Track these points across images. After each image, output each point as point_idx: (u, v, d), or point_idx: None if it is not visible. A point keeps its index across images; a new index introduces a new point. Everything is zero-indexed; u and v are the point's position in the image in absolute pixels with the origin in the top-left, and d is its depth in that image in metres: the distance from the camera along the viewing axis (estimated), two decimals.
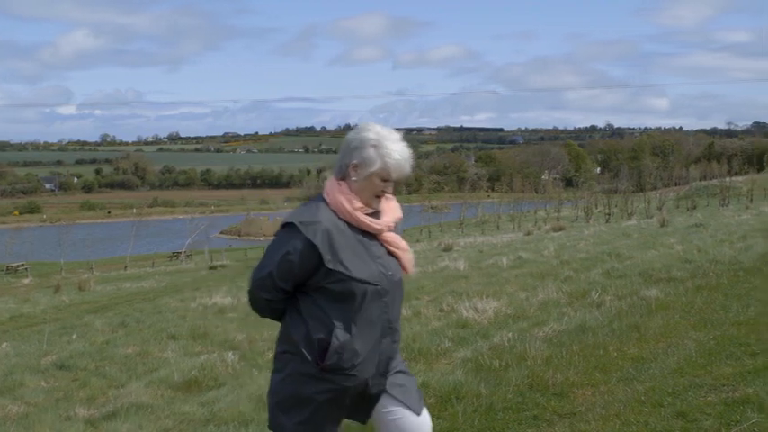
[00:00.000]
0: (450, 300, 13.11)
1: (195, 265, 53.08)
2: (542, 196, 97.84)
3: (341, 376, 3.95)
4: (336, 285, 3.91)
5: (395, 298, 4.09)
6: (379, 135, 4.05)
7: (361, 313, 3.95)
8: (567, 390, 6.86)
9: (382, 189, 4.05)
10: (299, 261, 3.91)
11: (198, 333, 13.18)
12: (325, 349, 3.90)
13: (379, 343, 4.02)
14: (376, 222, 4.04)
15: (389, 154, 4.01)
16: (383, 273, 4.00)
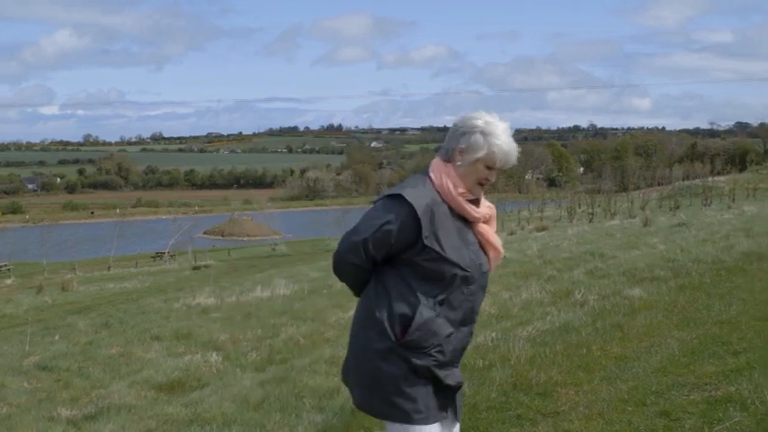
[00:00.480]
0: None
1: (179, 265, 52.89)
2: (525, 196, 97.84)
3: (418, 354, 3.87)
4: (428, 263, 3.86)
5: (480, 289, 4.04)
6: (488, 123, 3.98)
7: (446, 296, 3.90)
8: (550, 389, 6.87)
9: (486, 177, 4.00)
10: (398, 232, 3.85)
11: (181, 334, 13.15)
12: (408, 325, 3.83)
13: (459, 331, 3.97)
14: (476, 210, 4.02)
15: (497, 142, 3.95)
16: (474, 261, 3.96)
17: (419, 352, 3.86)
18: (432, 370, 3.88)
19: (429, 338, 3.85)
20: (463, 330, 3.99)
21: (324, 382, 7.74)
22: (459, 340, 3.98)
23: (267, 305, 16.51)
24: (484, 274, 4.04)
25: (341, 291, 17.88)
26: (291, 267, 34.70)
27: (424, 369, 3.87)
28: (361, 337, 3.99)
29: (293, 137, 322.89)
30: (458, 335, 3.96)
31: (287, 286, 20.01)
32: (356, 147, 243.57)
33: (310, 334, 11.73)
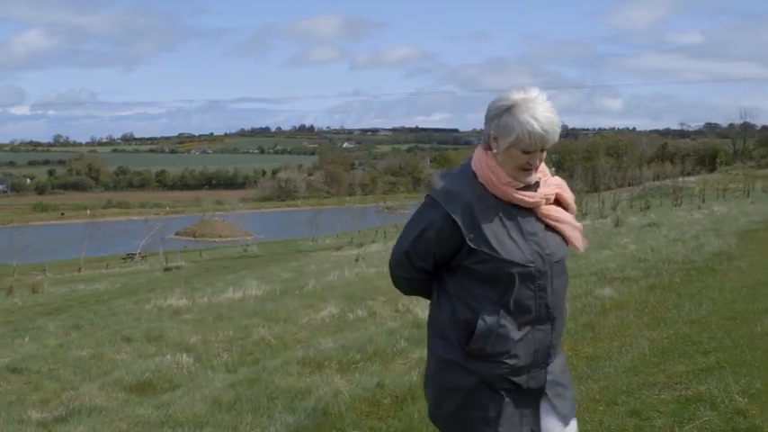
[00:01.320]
0: (406, 300, 13.11)
1: (150, 266, 52.75)
2: None
3: (489, 363, 3.56)
4: (481, 266, 3.51)
5: (554, 280, 3.60)
6: (516, 101, 3.52)
7: (511, 296, 3.53)
8: None
9: (527, 162, 3.54)
10: (437, 238, 3.57)
11: (153, 335, 13.09)
12: (472, 332, 3.53)
13: (535, 330, 3.58)
14: (529, 195, 3.58)
15: (527, 121, 3.47)
16: (538, 252, 3.54)
17: (488, 361, 3.57)
18: (507, 378, 3.58)
19: (496, 345, 3.54)
20: (542, 329, 3.60)
21: (296, 383, 7.73)
22: (537, 341, 3.60)
23: (239, 306, 16.48)
24: (557, 263, 3.61)
25: (313, 291, 17.89)
26: (263, 268, 34.70)
27: (496, 378, 3.57)
28: (431, 344, 3.75)
29: (265, 137, 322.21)
30: (535, 335, 3.59)
31: (259, 287, 19.99)
32: (328, 147, 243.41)
33: (282, 335, 11.71)
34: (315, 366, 8.44)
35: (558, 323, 3.68)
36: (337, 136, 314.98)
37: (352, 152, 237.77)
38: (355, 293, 16.06)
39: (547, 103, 3.54)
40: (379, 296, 14.97)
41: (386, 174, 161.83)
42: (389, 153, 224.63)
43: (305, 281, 21.23)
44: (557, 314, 3.64)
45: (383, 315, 12.31)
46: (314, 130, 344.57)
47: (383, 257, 29.36)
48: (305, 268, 30.00)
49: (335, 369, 8.26)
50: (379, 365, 8.30)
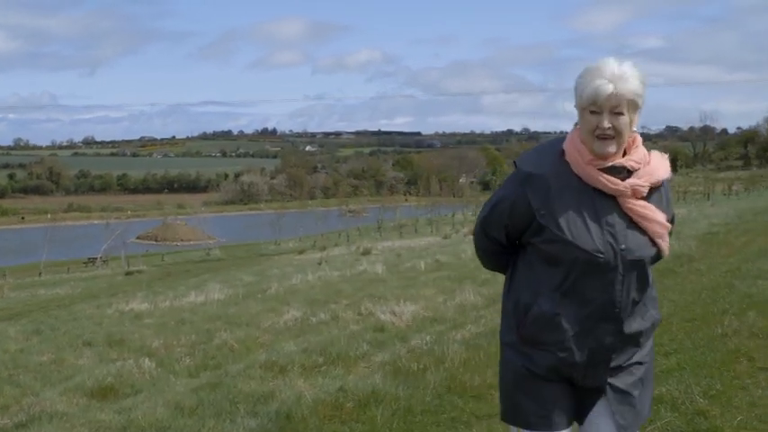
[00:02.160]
0: (369, 304, 13.13)
1: (111, 270, 52.48)
2: (460, 200, 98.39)
3: (540, 352, 3.45)
4: (547, 246, 3.39)
5: (626, 278, 3.34)
6: (591, 64, 3.37)
7: (573, 285, 3.35)
8: (484, 392, 6.90)
9: (596, 125, 3.29)
10: (510, 210, 3.48)
11: (114, 340, 13.02)
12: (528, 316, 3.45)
13: (596, 327, 3.36)
14: (612, 181, 3.32)
15: (592, 77, 3.29)
16: (611, 244, 3.30)
17: (539, 349, 3.45)
18: (559, 369, 3.43)
19: (548, 333, 3.41)
20: (604, 327, 3.37)
21: (258, 387, 7.71)
22: (597, 339, 3.38)
23: (201, 310, 16.42)
24: (633, 261, 3.34)
25: (275, 295, 17.85)
26: (226, 272, 34.62)
27: (546, 368, 3.45)
28: (500, 326, 3.68)
29: (227, 141, 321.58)
30: (596, 332, 3.37)
31: (221, 291, 19.93)
32: (291, 151, 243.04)
33: (244, 339, 11.68)
34: (277, 370, 8.43)
35: (630, 326, 3.41)
36: (300, 139, 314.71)
37: (315, 155, 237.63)
38: (318, 297, 16.04)
39: (618, 62, 3.33)
40: (341, 300, 14.96)
41: (349, 177, 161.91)
42: (352, 156, 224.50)
43: (267, 284, 21.17)
44: (625, 315, 3.38)
45: (346, 318, 12.31)
46: (276, 133, 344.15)
47: (346, 261, 29.42)
48: (267, 272, 29.93)
49: (298, 373, 8.25)
50: (341, 369, 8.30)
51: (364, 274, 20.58)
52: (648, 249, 3.38)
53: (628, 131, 3.31)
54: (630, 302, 3.39)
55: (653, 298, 3.53)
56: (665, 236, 3.43)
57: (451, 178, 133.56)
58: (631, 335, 3.43)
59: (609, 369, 3.44)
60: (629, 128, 3.32)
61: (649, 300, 3.49)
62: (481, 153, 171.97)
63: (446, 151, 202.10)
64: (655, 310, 3.54)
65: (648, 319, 3.49)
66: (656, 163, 3.45)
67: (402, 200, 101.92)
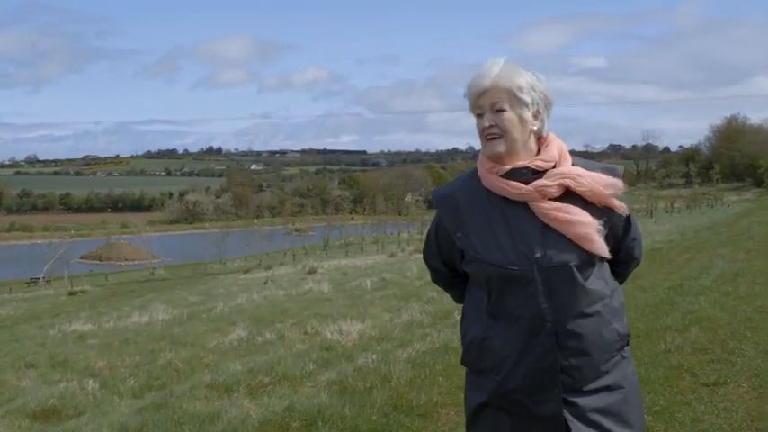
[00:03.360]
0: (315, 322, 13.13)
1: (55, 290, 51.87)
2: (405, 218, 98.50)
3: (483, 379, 3.27)
4: (469, 267, 3.26)
5: (552, 288, 3.09)
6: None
7: (498, 304, 3.17)
8: (431, 410, 6.90)
9: (481, 127, 3.19)
10: (436, 238, 3.46)
11: (57, 361, 12.89)
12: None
13: (531, 346, 3.11)
14: (514, 186, 3.14)
15: (472, 80, 3.23)
16: (525, 254, 3.09)
17: (482, 376, 3.29)
18: (501, 395, 3.22)
19: (483, 359, 3.25)
20: (540, 345, 3.12)
21: (204, 408, 7.65)
22: (536, 359, 3.13)
23: (145, 330, 16.31)
24: (554, 268, 3.10)
25: (221, 315, 17.78)
26: (171, 292, 34.41)
27: (490, 395, 3.26)
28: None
29: (172, 159, 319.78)
30: (533, 352, 3.12)
31: (166, 311, 19.84)
32: (236, 169, 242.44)
33: (190, 359, 11.61)
34: (223, 390, 8.38)
35: (579, 342, 3.13)
36: (245, 158, 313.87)
37: (261, 174, 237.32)
38: (264, 316, 16.00)
39: (496, 59, 3.24)
40: (287, 319, 14.94)
41: (294, 196, 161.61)
42: (298, 175, 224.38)
43: (213, 304, 21.10)
44: (563, 330, 3.11)
45: (292, 338, 12.28)
46: (222, 152, 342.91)
47: (292, 280, 29.37)
48: (213, 291, 29.81)
49: (244, 393, 8.21)
50: (288, 388, 8.26)
51: (310, 293, 20.57)
52: (573, 253, 3.12)
53: (517, 130, 3.18)
54: (569, 315, 3.12)
55: (613, 309, 3.25)
56: (592, 235, 3.13)
57: (397, 196, 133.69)
58: (583, 352, 3.14)
59: (567, 393, 3.14)
60: (520, 126, 3.19)
61: (608, 311, 3.21)
62: (426, 171, 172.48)
63: (391, 170, 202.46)
64: (619, 323, 3.26)
65: (609, 334, 3.20)
66: (579, 170, 3.22)
67: (348, 218, 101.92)
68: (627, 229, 3.39)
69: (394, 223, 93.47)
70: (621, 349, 3.28)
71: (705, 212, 58.25)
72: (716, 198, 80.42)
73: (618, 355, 3.25)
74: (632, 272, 3.69)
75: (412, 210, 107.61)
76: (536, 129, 3.23)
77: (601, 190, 3.19)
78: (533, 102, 3.21)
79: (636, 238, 3.48)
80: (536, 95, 3.22)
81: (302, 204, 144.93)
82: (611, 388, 3.19)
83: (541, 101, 3.24)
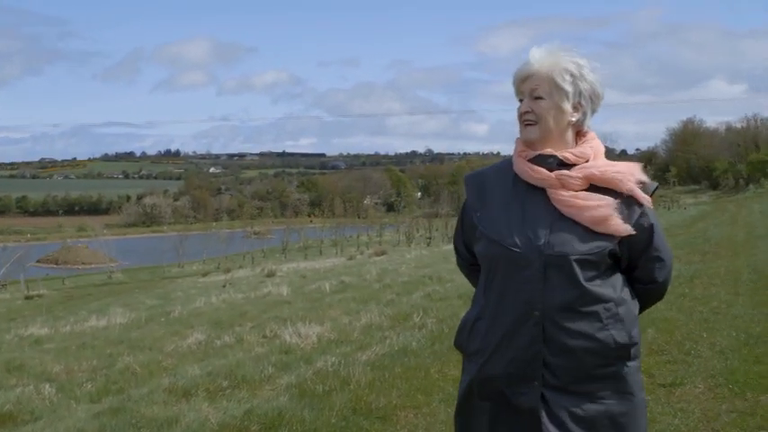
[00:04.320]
0: (274, 325, 13.08)
1: (10, 295, 51.28)
2: (364, 221, 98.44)
3: (470, 364, 3.27)
4: (478, 245, 3.25)
5: (549, 277, 3.04)
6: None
7: (495, 285, 3.15)
8: (390, 412, 6.91)
9: (521, 111, 3.19)
10: (462, 218, 3.43)
11: (13, 365, 12.75)
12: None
13: (517, 332, 3.07)
14: (535, 170, 3.13)
15: (519, 65, 3.23)
16: (530, 238, 3.05)
17: (467, 359, 3.31)
18: (482, 382, 3.19)
19: (471, 341, 3.26)
20: (525, 333, 3.06)
21: (162, 412, 7.61)
22: (519, 347, 3.08)
23: (103, 334, 16.20)
24: (555, 257, 3.04)
25: (179, 318, 17.70)
26: (128, 295, 34.21)
27: (473, 381, 3.24)
28: None
29: (130, 162, 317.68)
30: (518, 339, 3.08)
31: (124, 315, 19.72)
32: (194, 172, 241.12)
33: (148, 363, 11.54)
34: (181, 394, 8.34)
35: (566, 338, 3.04)
36: (204, 161, 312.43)
37: (219, 177, 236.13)
38: (222, 320, 15.94)
39: (545, 46, 3.24)
40: (246, 322, 14.88)
41: (253, 199, 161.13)
42: (256, 178, 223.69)
43: (171, 307, 20.99)
44: (551, 322, 3.05)
45: (251, 341, 12.23)
46: (180, 154, 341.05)
47: (251, 283, 29.28)
48: (171, 295, 29.66)
49: (203, 397, 8.17)
50: (247, 392, 8.24)
51: (269, 296, 20.52)
52: (579, 245, 3.04)
53: (553, 118, 3.16)
54: (560, 308, 3.05)
55: (615, 315, 3.10)
56: (610, 218, 3.05)
57: (356, 199, 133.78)
58: (570, 350, 3.04)
59: (548, 389, 3.07)
60: (557, 115, 3.17)
61: (609, 316, 3.09)
62: (385, 174, 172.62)
63: (351, 173, 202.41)
64: (618, 330, 3.09)
65: (604, 338, 3.06)
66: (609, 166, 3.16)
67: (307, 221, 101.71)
68: (648, 245, 3.22)
69: (353, 226, 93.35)
70: (622, 360, 3.12)
71: (662, 215, 58.56)
72: (672, 201, 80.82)
73: (618, 366, 3.11)
74: (654, 303, 3.46)
75: (371, 213, 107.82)
76: (575, 120, 3.22)
77: (628, 171, 3.14)
78: (575, 92, 3.19)
79: (661, 258, 3.29)
80: (582, 86, 3.19)
81: (261, 207, 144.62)
82: (597, 397, 3.08)
83: (586, 92, 3.21)
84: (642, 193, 3.13)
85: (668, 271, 3.35)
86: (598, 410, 3.07)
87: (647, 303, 3.38)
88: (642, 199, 3.12)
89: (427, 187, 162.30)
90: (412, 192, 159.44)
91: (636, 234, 3.13)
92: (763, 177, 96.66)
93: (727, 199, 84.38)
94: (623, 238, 3.10)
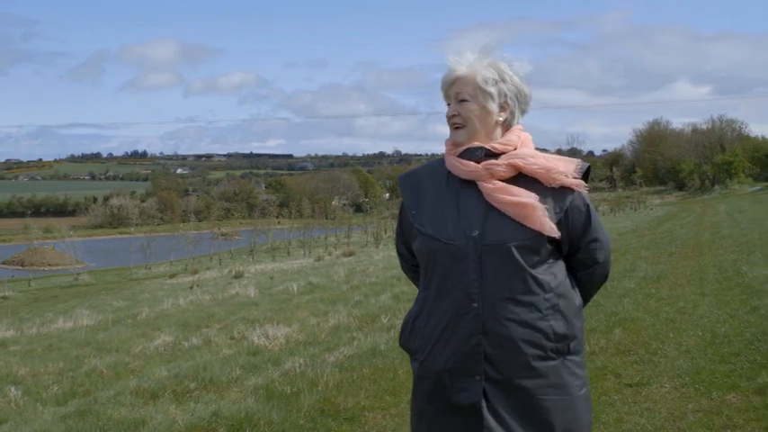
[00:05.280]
0: (242, 327, 13.06)
1: None
2: (332, 222, 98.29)
3: (414, 362, 3.28)
4: (416, 243, 3.28)
5: (486, 267, 3.05)
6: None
7: (434, 280, 3.17)
8: (358, 414, 6.91)
9: (450, 114, 3.26)
10: (400, 220, 3.47)
11: None
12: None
13: (457, 326, 3.07)
14: (464, 164, 3.18)
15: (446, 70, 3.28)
16: (465, 230, 3.09)
17: (412, 358, 3.33)
18: (424, 378, 3.22)
19: (413, 338, 3.27)
20: (465, 326, 3.07)
21: (129, 414, 7.58)
22: (460, 340, 3.08)
23: (69, 336, 16.10)
24: (491, 248, 3.06)
25: (146, 320, 17.61)
26: (95, 297, 34.01)
27: (421, 380, 3.25)
28: None
29: (96, 163, 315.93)
30: (457, 333, 3.08)
31: (90, 316, 19.60)
32: (161, 173, 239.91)
33: (115, 365, 11.47)
34: (149, 396, 8.31)
35: (506, 330, 3.04)
36: (171, 162, 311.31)
37: (186, 178, 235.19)
38: (190, 321, 15.87)
39: (471, 51, 3.31)
40: (214, 324, 14.84)
41: (221, 200, 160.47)
42: (224, 179, 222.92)
43: (138, 309, 20.90)
44: (490, 314, 3.05)
45: (218, 343, 12.20)
46: (147, 156, 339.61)
47: (218, 284, 29.19)
48: (138, 296, 29.53)
49: (170, 399, 8.14)
50: (214, 394, 8.22)
51: (237, 298, 20.46)
52: (513, 234, 3.07)
53: (479, 120, 3.23)
54: (499, 298, 3.06)
55: (554, 306, 3.12)
56: (535, 216, 3.07)
57: (324, 200, 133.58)
58: (510, 340, 3.04)
59: (489, 383, 3.06)
60: (483, 117, 3.24)
61: (548, 306, 3.10)
62: (353, 175, 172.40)
63: (318, 174, 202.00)
64: (558, 321, 3.11)
65: (543, 328, 3.07)
66: (538, 156, 3.24)
67: (275, 222, 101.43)
68: (587, 226, 3.27)
69: (321, 227, 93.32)
70: (562, 353, 3.12)
71: (629, 216, 58.98)
72: (639, 201, 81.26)
73: (558, 359, 3.12)
74: (598, 287, 3.48)
75: (339, 214, 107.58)
76: (503, 119, 3.28)
77: (552, 167, 3.20)
78: (500, 93, 3.26)
79: (599, 239, 3.32)
80: (505, 87, 3.26)
81: (229, 208, 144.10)
82: (538, 393, 3.07)
83: (511, 92, 3.28)
84: (573, 180, 3.20)
85: (608, 252, 3.39)
86: (539, 406, 3.07)
87: (591, 288, 3.45)
88: (574, 185, 3.20)
89: (395, 188, 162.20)
90: (380, 193, 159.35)
91: (573, 217, 3.21)
92: (728, 178, 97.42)
93: (693, 200, 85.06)
94: (561, 221, 3.16)
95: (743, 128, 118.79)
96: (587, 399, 3.24)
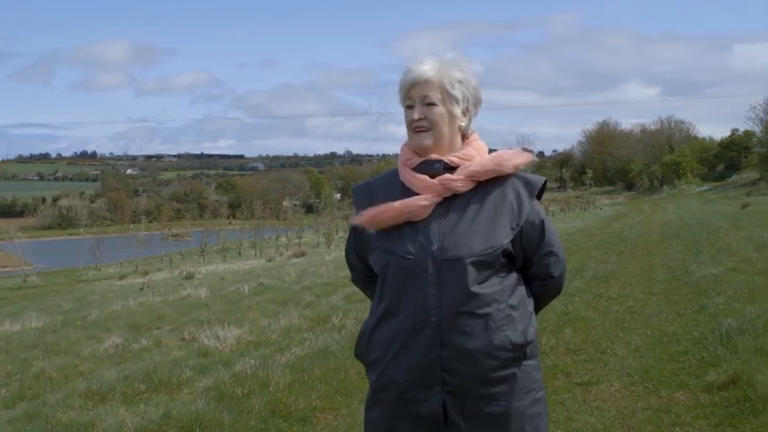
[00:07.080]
0: (192, 328, 13.00)
1: None
2: (283, 222, 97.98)
3: (371, 373, 3.24)
4: (372, 256, 3.25)
5: (444, 282, 3.04)
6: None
7: (391, 294, 3.13)
8: (309, 414, 6.91)
9: (410, 119, 3.19)
10: (353, 231, 3.42)
11: None
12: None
13: (415, 339, 3.06)
14: (419, 179, 3.15)
15: (406, 71, 3.21)
16: (423, 244, 3.07)
17: (368, 369, 3.28)
18: (382, 390, 3.17)
19: (370, 351, 3.23)
20: (423, 339, 3.05)
21: (78, 417, 7.52)
22: (418, 353, 3.06)
23: (17, 339, 15.94)
24: (449, 262, 3.04)
25: (96, 322, 17.47)
26: (44, 299, 33.67)
27: (375, 389, 3.21)
28: None
29: (45, 164, 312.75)
30: (416, 346, 3.06)
31: (39, 318, 19.39)
32: (111, 174, 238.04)
33: (63, 367, 11.38)
34: (98, 398, 8.25)
35: (464, 341, 3.04)
36: (121, 162, 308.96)
37: (137, 179, 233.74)
38: (140, 323, 15.77)
39: (437, 54, 3.26)
40: (164, 325, 14.77)
41: (171, 200, 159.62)
42: (174, 180, 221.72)
43: (88, 311, 20.72)
44: (448, 327, 3.04)
45: (168, 344, 12.14)
46: (97, 156, 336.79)
47: (169, 285, 29.01)
48: (88, 298, 29.25)
49: (120, 401, 8.08)
50: (164, 396, 8.17)
51: (188, 299, 20.35)
52: (472, 247, 3.06)
53: (446, 124, 3.19)
54: (456, 311, 3.04)
55: (508, 316, 3.11)
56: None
57: (275, 201, 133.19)
58: (468, 353, 3.04)
59: (449, 395, 3.06)
60: (449, 121, 3.20)
61: (503, 317, 3.09)
62: (305, 176, 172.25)
63: (270, 174, 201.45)
64: (513, 331, 3.09)
65: (498, 340, 3.06)
66: (487, 156, 3.25)
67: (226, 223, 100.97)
68: (541, 241, 3.25)
69: (272, 228, 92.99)
70: (517, 361, 3.12)
71: (579, 216, 59.38)
72: (589, 202, 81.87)
73: (514, 368, 3.11)
74: (552, 298, 3.52)
75: (290, 214, 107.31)
76: (464, 125, 3.26)
77: (501, 154, 3.23)
78: (464, 98, 3.23)
79: (554, 253, 3.30)
80: (467, 92, 3.24)
81: (179, 209, 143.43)
82: (495, 399, 3.08)
83: (472, 98, 3.26)
84: (524, 155, 3.28)
85: (563, 266, 3.38)
86: (497, 412, 3.08)
87: (544, 299, 3.45)
88: (525, 161, 3.28)
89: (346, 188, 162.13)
90: (331, 193, 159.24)
91: (528, 231, 3.18)
92: (676, 178, 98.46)
93: (643, 200, 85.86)
94: (516, 236, 3.14)
95: (691, 129, 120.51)
96: (544, 402, 3.25)
